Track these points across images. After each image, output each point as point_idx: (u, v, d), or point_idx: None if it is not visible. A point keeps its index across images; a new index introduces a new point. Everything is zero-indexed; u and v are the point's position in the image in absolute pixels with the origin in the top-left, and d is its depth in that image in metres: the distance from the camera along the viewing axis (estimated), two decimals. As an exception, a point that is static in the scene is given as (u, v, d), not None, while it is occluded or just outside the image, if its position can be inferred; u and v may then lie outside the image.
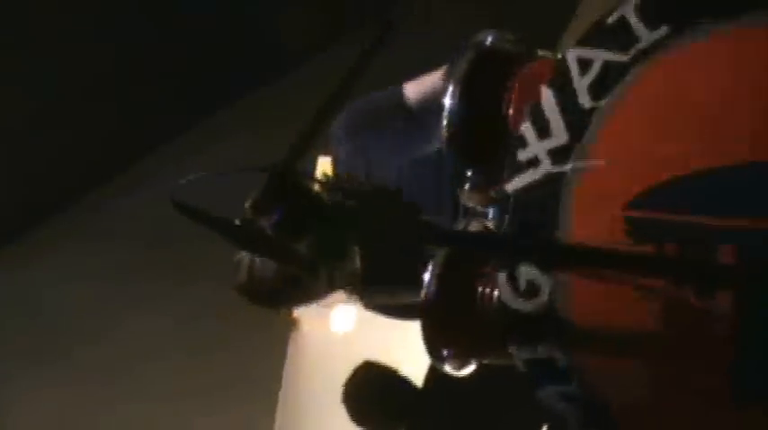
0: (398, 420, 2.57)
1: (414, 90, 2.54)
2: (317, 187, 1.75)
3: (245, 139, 4.40)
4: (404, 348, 2.09)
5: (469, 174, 1.97)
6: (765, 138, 1.70)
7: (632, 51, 1.82)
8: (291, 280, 2.41)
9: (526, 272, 1.82)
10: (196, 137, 5.38)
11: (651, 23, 1.81)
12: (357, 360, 2.61)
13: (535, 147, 1.85)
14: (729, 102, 1.74)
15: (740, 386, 1.71)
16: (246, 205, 1.73)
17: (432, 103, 2.22)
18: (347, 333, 2.92)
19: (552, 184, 1.83)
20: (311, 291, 2.52)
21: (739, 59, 1.75)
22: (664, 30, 1.80)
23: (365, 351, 2.71)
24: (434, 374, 2.17)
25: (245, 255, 2.36)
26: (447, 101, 1.93)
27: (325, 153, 2.68)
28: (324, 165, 2.72)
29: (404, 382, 2.53)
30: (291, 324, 3.16)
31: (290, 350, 3.18)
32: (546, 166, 1.84)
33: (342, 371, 2.60)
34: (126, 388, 4.28)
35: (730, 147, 1.72)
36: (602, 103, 1.82)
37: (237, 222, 1.72)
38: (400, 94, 2.56)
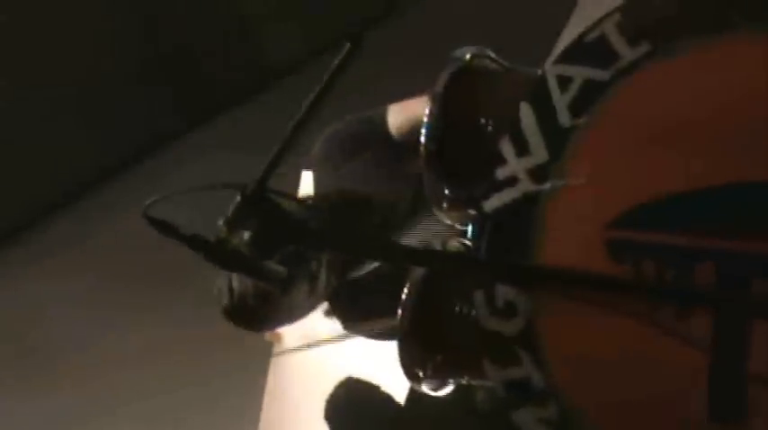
0: (380, 437, 2.56)
1: (396, 116, 2.53)
2: (290, 205, 1.73)
3: (227, 155, 4.39)
4: (386, 365, 2.06)
5: (447, 191, 1.94)
6: (744, 157, 1.67)
7: (613, 69, 1.79)
8: (274, 300, 2.39)
9: (504, 291, 1.79)
10: (180, 150, 5.39)
11: (632, 41, 1.78)
12: (339, 376, 2.59)
13: (514, 165, 1.83)
14: (709, 120, 1.71)
15: (717, 407, 1.68)
16: (220, 222, 1.72)
17: (413, 130, 2.20)
18: (329, 349, 2.90)
19: (530, 203, 1.80)
20: (294, 310, 2.50)
21: (719, 78, 1.72)
22: (644, 47, 1.78)
23: (347, 367, 2.70)
24: (416, 392, 2.15)
25: (225, 282, 2.34)
26: (425, 118, 1.90)
27: (308, 168, 2.67)
28: (307, 181, 2.70)
29: (385, 399, 2.52)
30: (273, 340, 3.14)
31: (272, 366, 3.16)
32: (524, 185, 1.81)
33: (324, 388, 2.58)
34: (104, 402, 4.27)
35: (710, 167, 1.69)
36: (582, 121, 1.79)
37: (211, 238, 1.70)
38: (383, 119, 2.54)
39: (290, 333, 3.07)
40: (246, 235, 1.68)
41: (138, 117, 5.44)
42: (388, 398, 2.52)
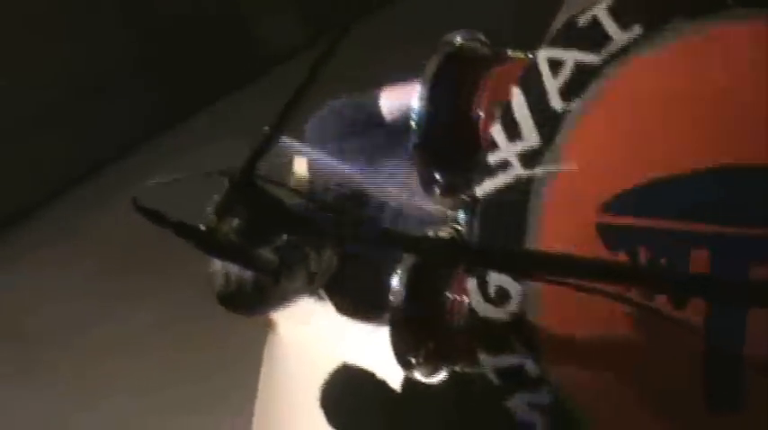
0: (375, 423, 2.55)
1: (389, 99, 2.52)
2: (280, 191, 1.71)
3: (225, 142, 4.38)
4: (381, 351, 2.05)
5: (439, 177, 1.92)
6: (738, 141, 1.66)
7: (604, 52, 1.77)
8: (267, 284, 2.38)
9: (496, 278, 1.78)
10: (178, 138, 5.38)
11: (624, 24, 1.77)
12: (334, 363, 2.58)
13: (505, 149, 1.81)
14: (701, 104, 1.70)
15: (714, 396, 1.67)
16: (209, 210, 1.70)
17: (405, 114, 2.19)
18: (324, 336, 2.89)
19: (523, 188, 1.79)
20: (288, 296, 2.49)
21: (711, 61, 1.71)
22: (636, 30, 1.76)
23: (342, 354, 2.68)
24: (411, 378, 2.14)
25: (219, 266, 2.33)
26: (415, 103, 1.89)
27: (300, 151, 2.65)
28: (300, 166, 2.69)
29: (381, 386, 2.51)
30: (268, 326, 3.13)
31: (267, 352, 3.15)
32: (516, 170, 1.80)
33: (319, 374, 2.57)
34: (102, 389, 4.27)
35: (702, 151, 1.68)
36: (574, 105, 1.78)
37: (201, 226, 1.69)
38: (376, 102, 2.53)
39: (285, 320, 3.06)
40: (235, 222, 1.67)
41: (134, 106, 5.42)
42: (383, 385, 2.51)
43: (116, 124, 5.44)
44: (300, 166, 2.66)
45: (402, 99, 2.42)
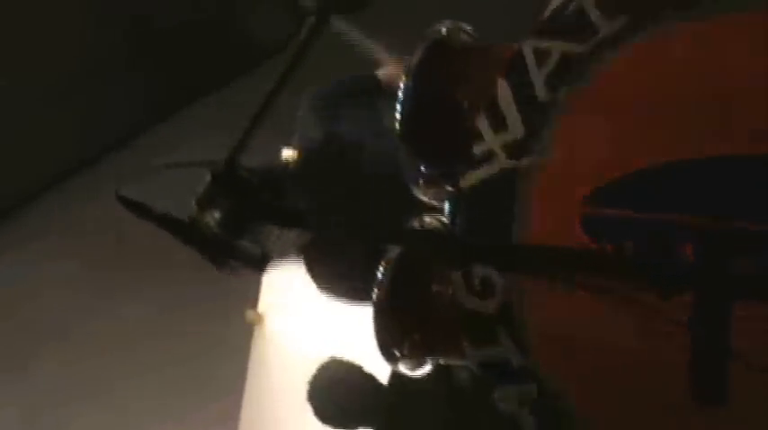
0: (363, 417, 2.54)
1: (388, 74, 2.51)
2: (262, 182, 1.70)
3: (219, 134, 4.39)
4: (369, 345, 2.04)
5: (424, 168, 1.91)
6: (723, 133, 1.65)
7: (591, 43, 1.76)
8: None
9: (481, 269, 1.77)
10: (172, 130, 5.38)
11: (610, 14, 1.75)
12: (322, 357, 2.57)
13: (490, 140, 1.80)
14: (688, 96, 1.69)
15: (700, 389, 1.66)
16: (192, 202, 1.70)
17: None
18: (312, 329, 2.88)
19: (508, 180, 1.78)
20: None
21: (699, 53, 1.69)
22: (623, 21, 1.74)
23: (330, 348, 2.68)
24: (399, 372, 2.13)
25: None
26: (400, 94, 1.87)
27: (289, 145, 2.64)
28: (287, 157, 2.68)
29: (369, 380, 2.50)
30: (256, 320, 3.13)
31: (255, 347, 3.15)
32: (501, 161, 1.79)
33: (306, 368, 2.56)
34: (91, 386, 4.28)
35: (688, 143, 1.67)
36: (560, 95, 1.76)
37: (185, 219, 1.68)
38: (375, 77, 2.52)
39: (272, 314, 3.06)
40: (218, 214, 1.66)
41: (125, 100, 5.43)
42: (371, 378, 2.50)
43: (109, 117, 5.44)
44: (289, 155, 2.65)
45: (395, 73, 2.40)
